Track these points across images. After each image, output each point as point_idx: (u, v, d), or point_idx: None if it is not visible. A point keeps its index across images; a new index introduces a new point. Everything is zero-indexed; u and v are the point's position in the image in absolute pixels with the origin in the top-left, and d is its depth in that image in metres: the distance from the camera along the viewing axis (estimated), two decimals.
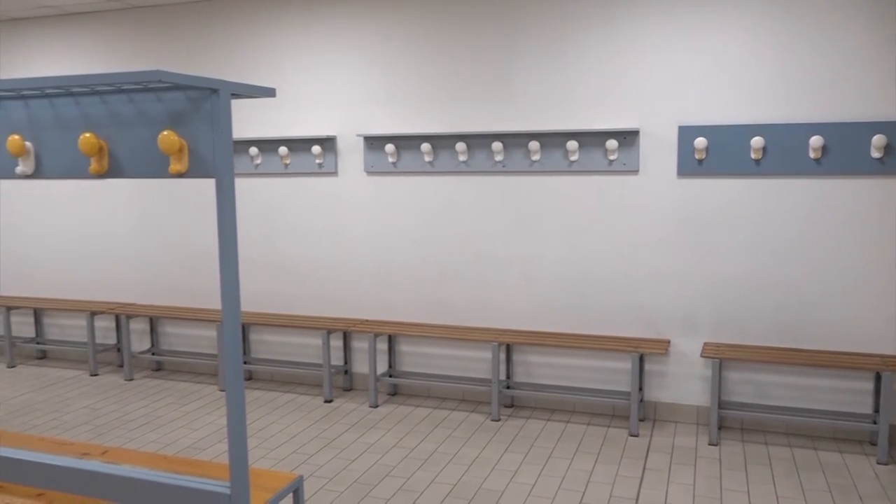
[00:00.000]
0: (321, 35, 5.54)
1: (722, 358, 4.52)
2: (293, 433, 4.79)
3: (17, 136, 2.56)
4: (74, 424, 4.98)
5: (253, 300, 5.98)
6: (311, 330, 5.74)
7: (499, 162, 5.16)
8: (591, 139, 4.92)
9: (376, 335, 5.30)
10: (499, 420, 5.00)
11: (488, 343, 5.12)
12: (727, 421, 4.83)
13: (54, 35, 6.33)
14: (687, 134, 4.70)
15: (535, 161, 5.07)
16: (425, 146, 5.24)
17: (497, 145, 5.07)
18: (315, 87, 5.60)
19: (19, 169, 2.61)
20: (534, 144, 5.00)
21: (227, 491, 2.47)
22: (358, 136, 5.49)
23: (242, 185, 5.90)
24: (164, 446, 4.56)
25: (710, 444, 4.52)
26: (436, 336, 5.16)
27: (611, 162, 4.91)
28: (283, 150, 5.65)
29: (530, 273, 5.20)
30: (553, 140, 5.01)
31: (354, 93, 5.51)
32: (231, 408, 2.43)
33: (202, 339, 6.18)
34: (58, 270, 6.67)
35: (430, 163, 5.33)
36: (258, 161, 5.78)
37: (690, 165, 4.73)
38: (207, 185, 5.96)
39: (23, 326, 6.82)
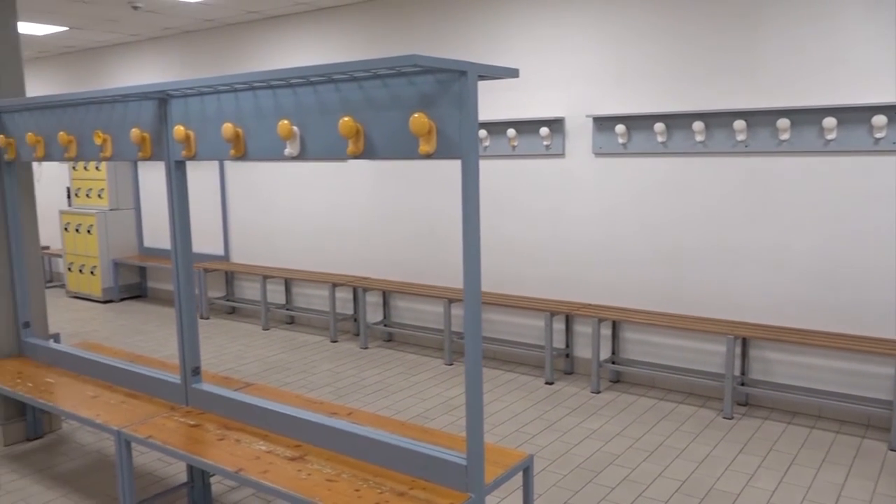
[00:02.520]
0: (552, 14, 5.49)
1: None
2: (515, 412, 4.86)
3: (286, 121, 2.81)
4: (319, 385, 5.47)
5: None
6: (533, 311, 5.77)
7: (740, 142, 4.78)
8: (854, 115, 4.38)
9: (600, 320, 5.19)
10: (732, 418, 4.68)
11: (722, 336, 4.80)
12: None
13: (307, 29, 6.92)
14: None
15: (783, 140, 4.63)
16: (658, 126, 5.00)
17: (739, 124, 4.70)
18: (544, 68, 5.58)
19: (287, 151, 2.87)
20: (782, 122, 4.56)
21: (464, 462, 2.55)
22: (587, 116, 5.38)
23: None
24: (396, 413, 4.84)
25: None
26: (664, 325, 4.94)
27: (877, 140, 4.34)
28: (511, 132, 5.71)
29: (773, 262, 4.78)
30: (805, 117, 4.54)
31: (584, 72, 5.40)
32: (469, 384, 2.49)
33: (430, 314, 6.48)
34: (305, 245, 7.34)
35: (662, 143, 5.08)
36: (486, 143, 5.89)
37: None
38: (440, 167, 6.20)
39: (275, 294, 7.61)
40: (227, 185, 7.92)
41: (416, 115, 2.43)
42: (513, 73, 2.61)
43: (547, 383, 5.42)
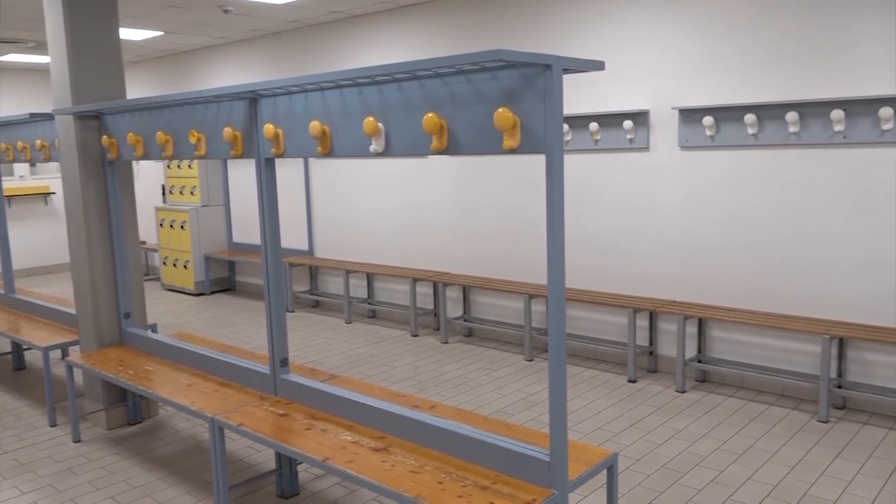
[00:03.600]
0: (637, 5, 5.36)
1: None
2: (597, 409, 4.79)
3: (371, 118, 2.86)
4: (400, 378, 5.55)
5: None
6: (615, 308, 5.66)
7: (838, 132, 4.56)
8: None
9: (686, 318, 5.06)
10: (827, 422, 4.47)
11: (817, 335, 4.59)
12: None
13: (388, 27, 7.01)
14: None
15: (885, 131, 4.39)
16: (749, 117, 4.82)
17: (837, 114, 4.48)
18: (628, 60, 5.46)
19: (372, 147, 2.92)
20: (885, 111, 4.32)
21: (547, 458, 2.54)
22: (673, 108, 5.24)
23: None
24: (477, 407, 4.86)
25: None
26: (753, 323, 4.77)
27: None
28: (593, 125, 5.62)
29: (872, 259, 4.54)
30: None
31: (670, 63, 5.26)
32: (553, 380, 2.48)
33: (510, 309, 6.46)
34: (386, 240, 7.45)
35: (753, 135, 4.90)
36: (568, 137, 5.83)
37: None
38: (520, 162, 6.17)
39: (358, 288, 7.76)
40: (311, 181, 8.13)
41: (500, 110, 2.43)
42: (598, 65, 2.57)
43: (629, 381, 5.32)
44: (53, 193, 11.05)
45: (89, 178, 4.59)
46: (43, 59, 9.64)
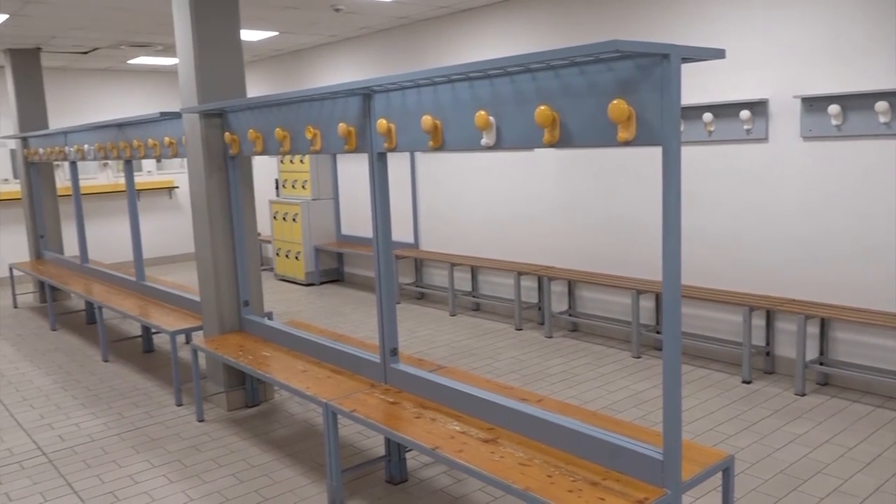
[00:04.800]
0: None
1: None
2: (709, 410, 4.64)
3: (483, 112, 2.88)
4: (505, 371, 5.56)
5: None
6: (729, 305, 5.45)
7: None
8: None
9: (807, 317, 4.80)
10: None
11: None
12: None
13: (494, 21, 7.01)
14: None
15: None
16: (881, 105, 4.51)
17: None
18: (745, 47, 5.23)
19: (483, 141, 2.94)
20: None
21: (660, 456, 2.49)
22: (794, 97, 4.98)
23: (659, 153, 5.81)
24: (583, 403, 4.80)
25: None
26: (884, 325, 4.47)
27: None
28: (707, 116, 5.42)
29: None
30: None
31: (792, 50, 5.00)
32: (668, 377, 2.42)
33: (616, 305, 6.35)
34: (490, 233, 7.47)
35: (885, 124, 4.58)
36: (681, 129, 5.63)
37: None
38: (629, 154, 6.03)
39: (462, 281, 7.82)
40: (417, 174, 8.26)
41: (615, 102, 2.39)
42: (718, 53, 2.49)
43: (744, 382, 5.11)
44: (177, 188, 11.75)
45: (213, 173, 4.85)
46: (168, 62, 10.25)
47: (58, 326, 7.62)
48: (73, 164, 7.63)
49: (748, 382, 5.10)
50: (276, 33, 8.30)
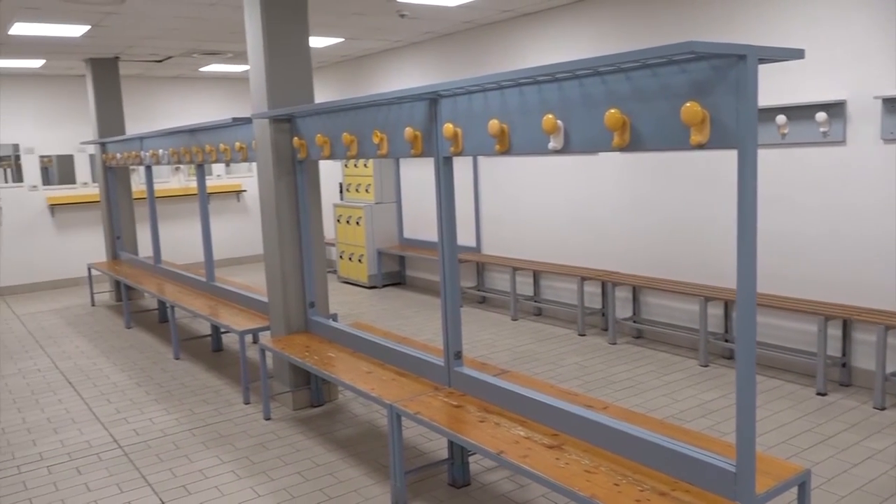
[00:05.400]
0: None
1: None
2: (781, 422, 4.49)
3: (551, 115, 2.86)
4: (567, 378, 5.50)
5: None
6: (803, 314, 5.27)
7: None
8: None
9: (887, 328, 4.60)
10: None
11: None
12: None
13: (559, 24, 6.96)
14: None
15: None
16: None
17: None
18: (822, 47, 5.05)
19: (551, 145, 2.92)
20: None
21: (733, 468, 2.42)
22: (875, 97, 4.78)
23: (729, 156, 5.67)
24: (648, 411, 4.71)
25: None
26: None
27: None
28: (780, 118, 5.26)
29: None
30: None
31: (873, 49, 4.80)
32: (741, 386, 2.35)
33: (683, 312, 6.21)
34: (553, 237, 7.42)
35: None
36: None
37: None
38: (696, 158, 5.90)
39: (524, 286, 7.78)
40: (479, 178, 8.26)
41: (688, 104, 2.35)
42: (797, 54, 2.41)
43: (818, 394, 4.93)
44: (245, 191, 12.06)
45: (281, 177, 4.96)
46: (237, 69, 10.54)
47: (132, 324, 7.91)
48: (149, 169, 7.92)
49: (823, 395, 4.91)
50: (342, 39, 8.44)
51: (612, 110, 2.60)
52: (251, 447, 4.45)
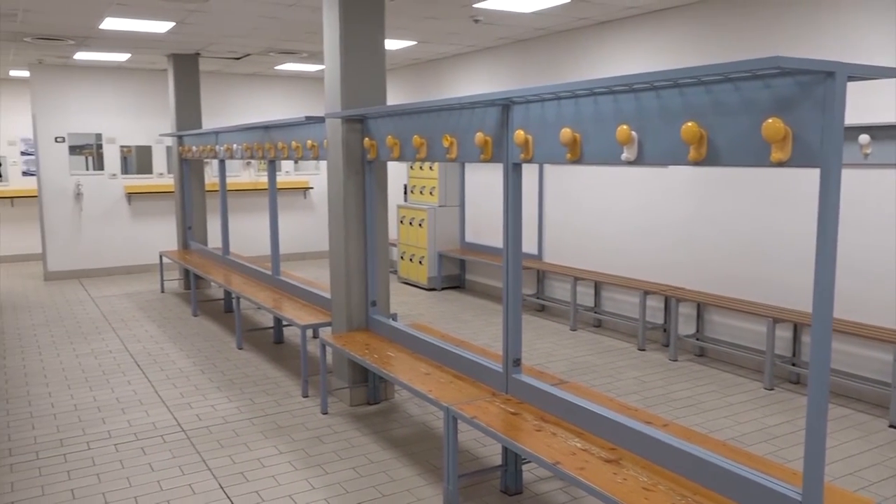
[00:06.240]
0: None
1: None
2: (849, 452, 4.32)
3: (625, 126, 2.83)
4: (625, 392, 5.42)
5: (809, 299, 5.56)
6: (879, 342, 5.06)
7: None
8: None
9: None
10: None
11: None
12: None
13: (634, 34, 6.88)
14: None
15: None
16: None
17: None
18: None
19: (624, 156, 2.89)
20: None
21: (799, 497, 2.35)
22: None
23: (803, 174, 5.50)
24: (709, 432, 4.60)
25: None
26: None
27: None
28: (863, 138, 5.06)
29: None
30: None
31: None
32: (812, 414, 2.28)
33: (748, 332, 6.04)
34: (616, 249, 7.32)
35: None
36: None
37: None
38: (770, 175, 5.74)
39: (584, 296, 7.70)
40: (544, 185, 8.22)
41: (770, 120, 2.29)
42: (889, 72, 2.32)
43: (891, 426, 4.72)
44: (311, 188, 12.30)
45: (350, 176, 5.04)
46: (311, 68, 10.76)
47: (199, 312, 8.16)
48: (222, 162, 8.16)
49: None
50: (415, 42, 8.52)
51: (690, 123, 2.56)
52: (308, 440, 4.54)
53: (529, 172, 8.31)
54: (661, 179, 6.76)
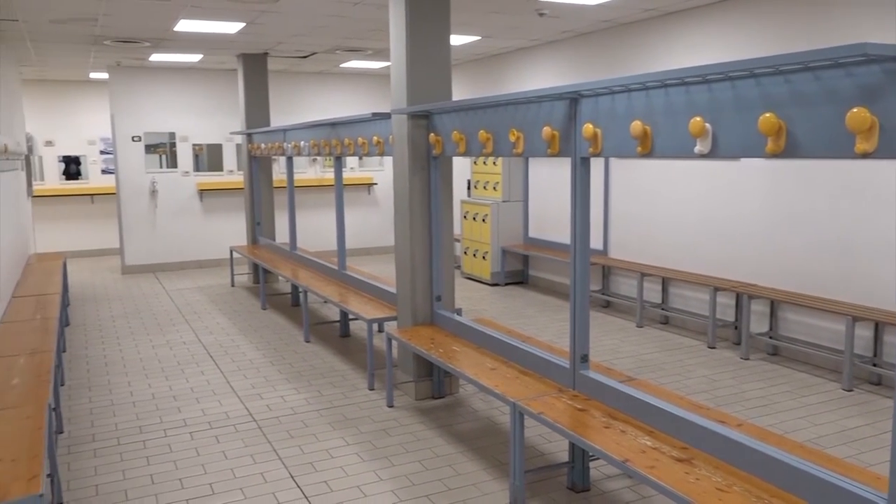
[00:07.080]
0: None
1: None
2: None
3: (699, 118, 2.77)
4: (694, 391, 5.30)
5: (892, 296, 5.32)
6: None
7: None
8: None
9: None
10: None
11: None
12: None
13: (701, 24, 6.70)
14: None
15: None
16: None
17: None
18: None
19: (697, 149, 2.82)
20: None
21: (884, 502, 2.25)
22: None
23: (885, 166, 5.25)
24: (783, 433, 4.45)
25: None
26: None
27: None
28: None
29: None
30: None
31: None
32: None
33: (825, 330, 5.82)
34: (684, 244, 7.15)
35: None
36: None
37: None
38: (845, 165, 5.51)
39: (651, 292, 7.57)
40: (610, 179, 8.11)
41: (854, 110, 2.20)
42: None
43: None
44: (376, 184, 12.44)
45: (416, 172, 5.08)
46: (376, 65, 10.87)
47: (267, 306, 8.36)
48: (290, 159, 8.33)
49: None
50: (479, 38, 8.51)
51: (767, 114, 2.48)
52: (374, 432, 4.60)
53: (595, 166, 8.19)
54: (732, 171, 6.57)
